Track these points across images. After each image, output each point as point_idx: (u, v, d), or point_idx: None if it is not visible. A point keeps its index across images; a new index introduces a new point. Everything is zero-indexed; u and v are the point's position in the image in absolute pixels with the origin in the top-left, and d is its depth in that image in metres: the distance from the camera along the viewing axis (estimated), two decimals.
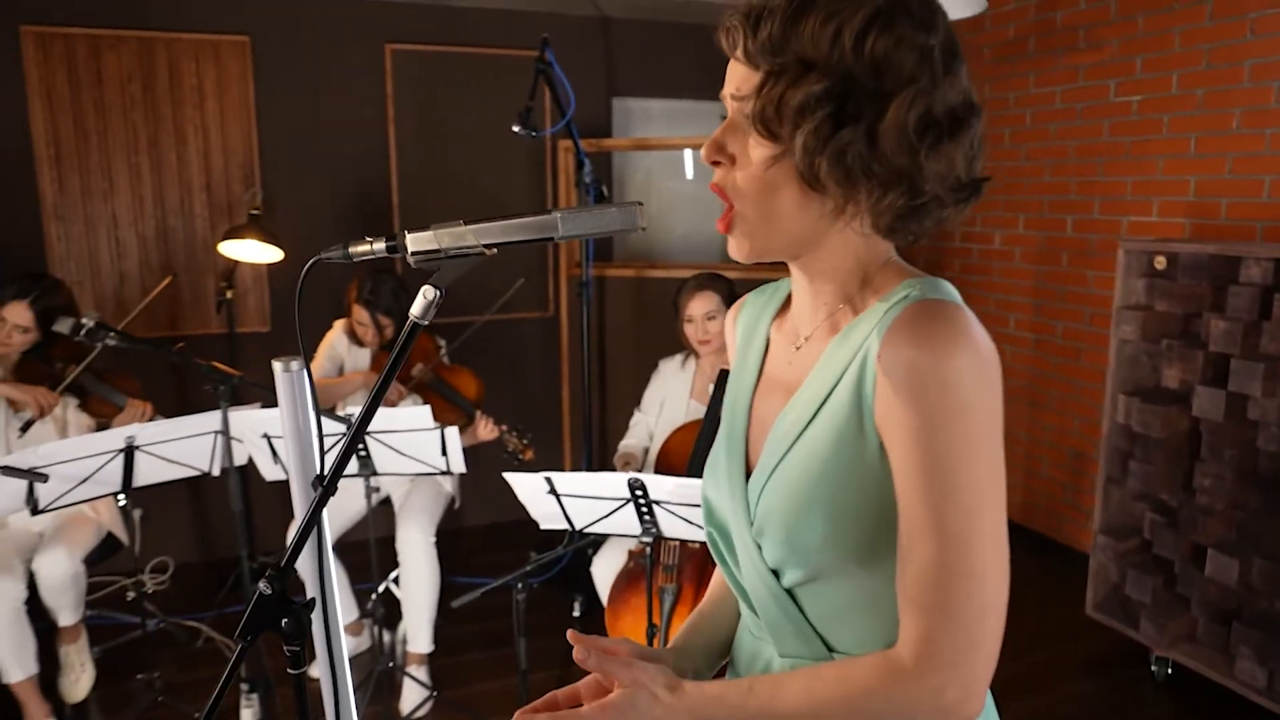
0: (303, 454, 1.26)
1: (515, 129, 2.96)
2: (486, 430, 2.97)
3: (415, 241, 0.95)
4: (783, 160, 0.82)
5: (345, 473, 1.01)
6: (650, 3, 4.05)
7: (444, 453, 2.56)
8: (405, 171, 4.05)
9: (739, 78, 0.84)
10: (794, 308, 0.97)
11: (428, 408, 2.48)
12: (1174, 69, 3.40)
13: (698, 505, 2.17)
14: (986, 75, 4.31)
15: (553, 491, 2.24)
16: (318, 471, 1.29)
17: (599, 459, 4.00)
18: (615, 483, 2.19)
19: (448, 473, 2.64)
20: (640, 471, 2.93)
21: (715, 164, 0.87)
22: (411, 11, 3.94)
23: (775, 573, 0.90)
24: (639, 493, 2.18)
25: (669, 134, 4.69)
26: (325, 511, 1.03)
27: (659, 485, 2.15)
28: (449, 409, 3.10)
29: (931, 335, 0.76)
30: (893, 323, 0.80)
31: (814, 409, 0.86)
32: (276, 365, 1.18)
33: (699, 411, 2.86)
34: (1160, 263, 3.02)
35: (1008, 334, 4.30)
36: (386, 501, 3.21)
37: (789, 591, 0.90)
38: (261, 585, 0.97)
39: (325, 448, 1.09)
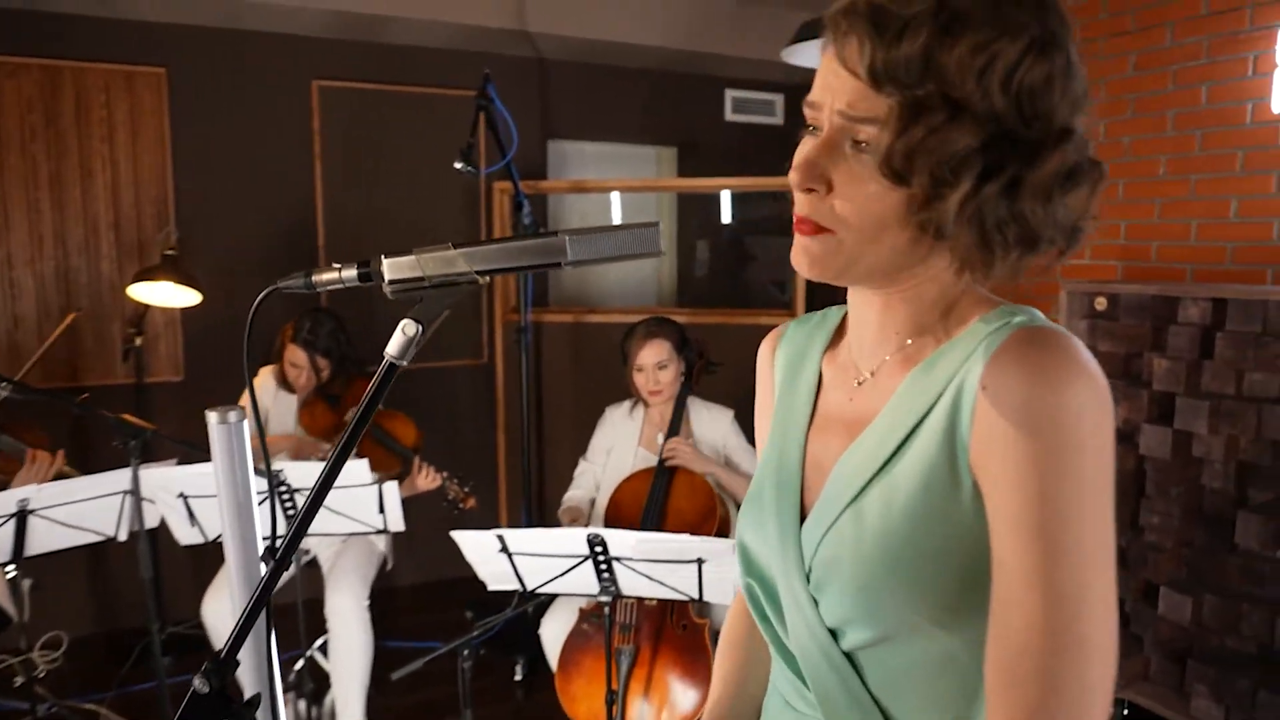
0: (241, 519, 1.10)
1: (457, 165, 2.84)
2: (426, 479, 2.79)
3: (394, 268, 0.82)
4: (908, 206, 0.70)
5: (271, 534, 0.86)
6: (587, 46, 4.00)
7: (381, 510, 2.37)
8: (332, 212, 3.86)
9: (851, 93, 0.70)
10: (853, 339, 0.87)
11: (364, 462, 2.30)
12: (1101, 118, 3.50)
13: (661, 561, 2.04)
14: None
15: (505, 550, 2.08)
16: (258, 538, 1.12)
17: (538, 511, 3.83)
18: (573, 539, 2.04)
19: (384, 531, 2.45)
20: (588, 524, 2.79)
21: (808, 191, 0.74)
22: (341, 48, 3.80)
23: (833, 633, 0.79)
24: (598, 549, 2.04)
25: (603, 177, 4.62)
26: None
27: (621, 541, 2.01)
28: (386, 456, 2.91)
29: (1046, 364, 0.67)
30: (999, 350, 0.70)
31: (892, 448, 0.76)
32: (211, 417, 1.02)
33: (648, 460, 2.74)
34: (1101, 304, 3.06)
35: None
36: (314, 563, 2.98)
37: (848, 655, 0.79)
38: (196, 682, 0.80)
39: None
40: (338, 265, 0.84)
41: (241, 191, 3.70)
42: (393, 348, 0.82)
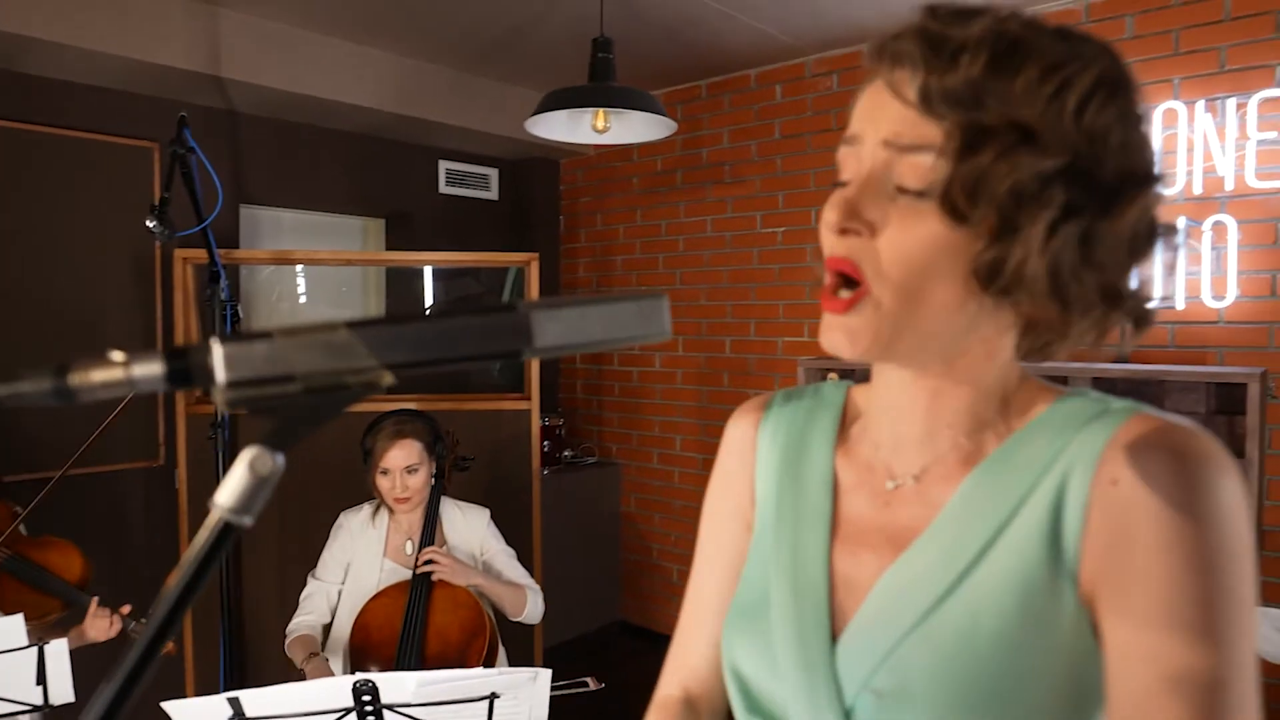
0: None
1: (149, 225, 2.29)
2: (101, 627, 2.13)
3: (237, 361, 0.49)
4: (965, 250, 0.61)
5: None
6: (290, 101, 3.56)
7: (41, 680, 1.75)
8: None
9: (899, 121, 0.61)
10: (882, 434, 0.74)
11: (17, 619, 1.68)
12: (811, 205, 3.75)
13: (447, 703, 1.69)
14: (637, 204, 4.45)
15: (239, 715, 1.60)
16: None
17: (237, 644, 3.17)
18: (334, 691, 1.62)
19: (43, 708, 1.81)
20: (323, 650, 2.32)
21: (845, 233, 0.63)
22: None
23: None
24: (367, 699, 1.64)
25: (303, 248, 4.13)
26: None
27: (397, 686, 1.63)
28: (41, 598, 2.21)
29: (1199, 457, 0.59)
30: (1131, 439, 0.61)
31: (968, 558, 0.65)
32: None
33: (397, 574, 2.33)
34: (833, 379, 3.21)
35: (674, 455, 4.33)
36: None
37: None
38: None
39: None
40: (119, 358, 0.49)
41: None
42: (228, 495, 0.50)
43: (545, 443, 4.37)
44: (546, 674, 1.71)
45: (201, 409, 3.16)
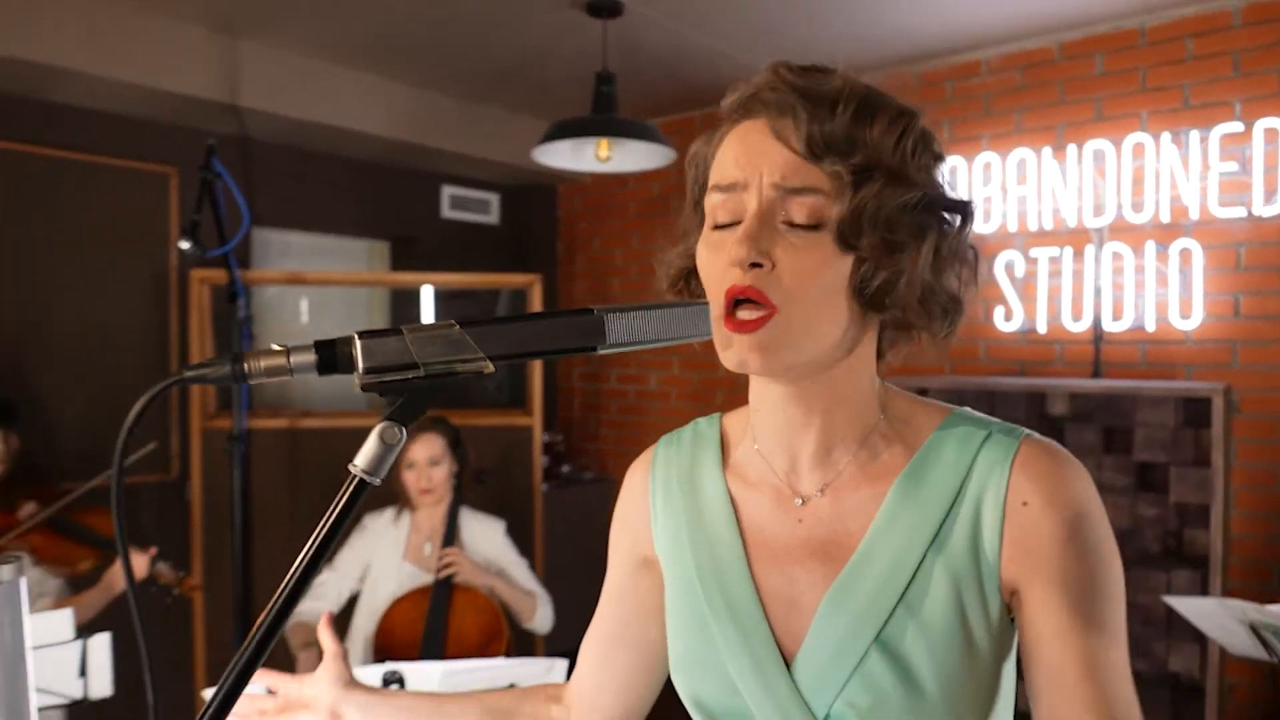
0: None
1: (183, 245, 2.42)
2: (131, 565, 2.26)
3: (374, 353, 0.63)
4: (854, 273, 0.72)
5: None
6: (301, 128, 3.71)
7: (84, 673, 1.85)
8: None
9: (785, 165, 0.71)
10: (775, 454, 0.81)
11: (66, 613, 1.79)
12: None
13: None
14: (633, 229, 4.61)
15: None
16: None
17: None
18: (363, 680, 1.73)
19: (82, 702, 1.91)
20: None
21: (754, 266, 0.71)
22: None
23: None
24: (395, 688, 1.75)
25: (309, 269, 4.25)
26: None
27: (423, 676, 1.75)
28: (76, 549, 2.37)
29: (1079, 479, 0.73)
30: (1037, 465, 0.73)
31: (908, 573, 0.73)
32: None
33: (416, 578, 2.45)
34: None
35: None
36: None
37: None
38: None
39: None
40: (280, 346, 0.62)
41: None
42: (364, 459, 0.63)
43: (545, 458, 4.49)
44: (562, 664, 1.83)
45: (217, 423, 3.26)
